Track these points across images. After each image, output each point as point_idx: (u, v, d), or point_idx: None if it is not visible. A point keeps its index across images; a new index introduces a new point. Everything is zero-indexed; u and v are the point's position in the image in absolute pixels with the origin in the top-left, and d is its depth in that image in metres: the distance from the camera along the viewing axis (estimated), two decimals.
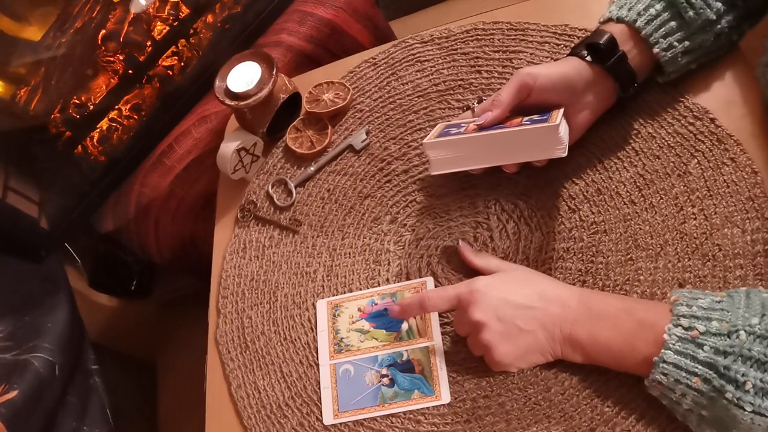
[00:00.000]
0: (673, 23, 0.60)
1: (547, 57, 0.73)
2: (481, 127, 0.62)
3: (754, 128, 0.62)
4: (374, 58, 0.83)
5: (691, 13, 0.59)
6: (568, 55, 0.63)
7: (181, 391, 1.26)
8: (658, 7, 0.60)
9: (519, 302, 0.56)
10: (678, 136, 0.64)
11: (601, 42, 0.60)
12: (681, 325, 0.48)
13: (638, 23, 0.60)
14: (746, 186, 0.60)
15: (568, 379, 0.58)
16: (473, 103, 0.68)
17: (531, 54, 0.74)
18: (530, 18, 0.77)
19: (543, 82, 0.60)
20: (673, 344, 0.48)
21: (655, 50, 0.60)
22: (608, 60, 0.60)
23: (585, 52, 0.61)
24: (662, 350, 0.48)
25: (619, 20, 0.61)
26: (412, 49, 0.81)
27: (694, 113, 0.65)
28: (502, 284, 0.57)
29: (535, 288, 0.57)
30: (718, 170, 0.62)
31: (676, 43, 0.60)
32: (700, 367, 0.47)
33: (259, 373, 0.68)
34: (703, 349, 0.47)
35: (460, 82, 0.76)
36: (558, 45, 0.74)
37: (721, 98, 0.65)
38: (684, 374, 0.47)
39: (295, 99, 0.81)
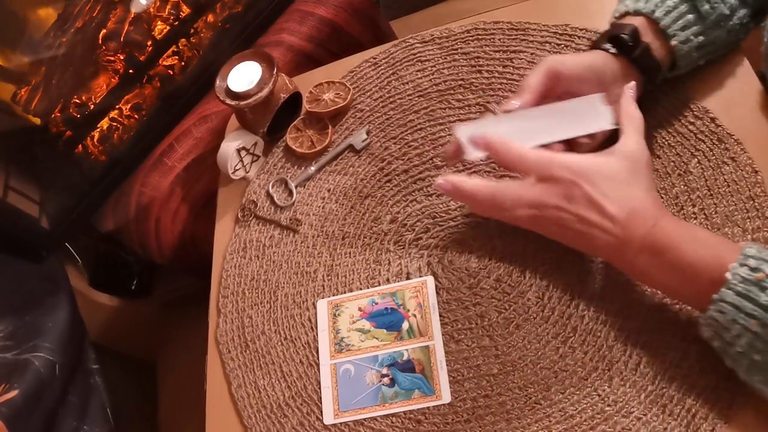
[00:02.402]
0: (690, 16, 0.60)
1: None
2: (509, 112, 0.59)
3: (755, 127, 0.62)
4: (375, 58, 0.83)
5: (707, 6, 0.59)
6: (590, 49, 0.62)
7: (182, 391, 1.26)
8: None
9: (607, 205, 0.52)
10: (678, 136, 0.64)
11: (625, 33, 0.59)
12: (747, 265, 0.47)
13: (656, 14, 0.59)
14: (747, 185, 0.60)
15: (568, 378, 0.58)
16: (494, 107, 0.65)
17: (532, 54, 0.74)
18: (531, 18, 0.77)
19: (572, 70, 0.59)
20: (735, 285, 0.47)
21: (673, 42, 0.60)
22: (633, 51, 0.59)
23: (608, 45, 0.60)
24: (722, 289, 0.48)
25: (637, 13, 0.61)
26: (413, 48, 0.81)
27: (695, 112, 0.65)
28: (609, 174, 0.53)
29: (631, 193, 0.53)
30: (718, 169, 0.62)
31: (692, 37, 0.60)
32: (759, 310, 0.46)
33: (260, 372, 0.68)
34: (765, 293, 0.46)
35: (460, 82, 0.76)
36: (559, 45, 0.74)
37: (721, 97, 0.65)
38: (742, 315, 0.47)
39: (295, 99, 0.81)
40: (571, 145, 0.59)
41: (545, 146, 0.57)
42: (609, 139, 0.58)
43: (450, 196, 0.60)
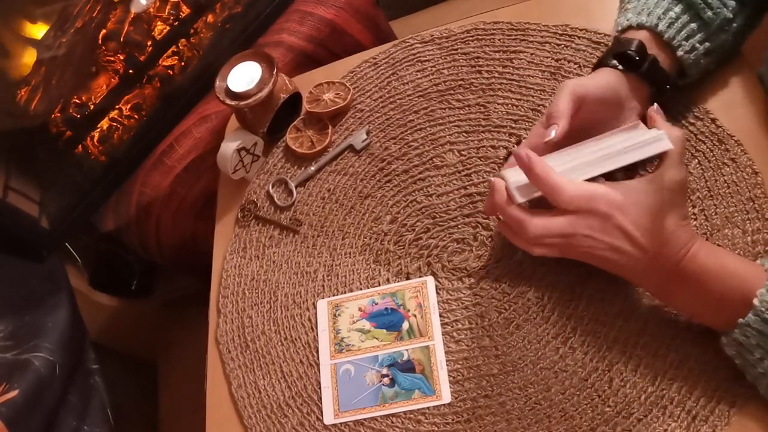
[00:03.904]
0: (693, 25, 0.59)
1: (548, 57, 0.73)
2: (550, 142, 0.55)
3: (755, 128, 0.62)
4: (375, 58, 0.83)
5: (709, 13, 0.59)
6: (595, 67, 0.61)
7: (182, 391, 1.26)
8: (677, 9, 0.59)
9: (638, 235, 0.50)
10: None
11: (631, 49, 0.58)
12: None
13: (660, 27, 0.59)
14: (747, 186, 0.60)
15: (568, 379, 0.58)
16: (513, 146, 0.62)
17: (532, 54, 0.74)
18: (531, 18, 0.77)
19: (593, 92, 0.57)
20: (763, 312, 0.47)
21: (679, 53, 0.59)
22: (640, 66, 0.58)
23: (615, 62, 0.59)
24: (749, 314, 0.48)
25: (640, 26, 0.60)
26: (413, 49, 0.81)
27: (695, 113, 0.65)
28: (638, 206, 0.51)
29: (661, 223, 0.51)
30: (718, 171, 0.62)
31: (698, 45, 0.60)
32: None
33: (260, 372, 0.68)
34: None
35: (460, 82, 0.76)
36: (558, 45, 0.74)
37: (721, 98, 0.65)
38: (767, 341, 0.47)
39: (295, 99, 0.81)
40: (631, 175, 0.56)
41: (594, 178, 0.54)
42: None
43: (488, 201, 0.57)
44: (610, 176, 0.53)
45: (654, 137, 0.51)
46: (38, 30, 1.06)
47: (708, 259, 0.51)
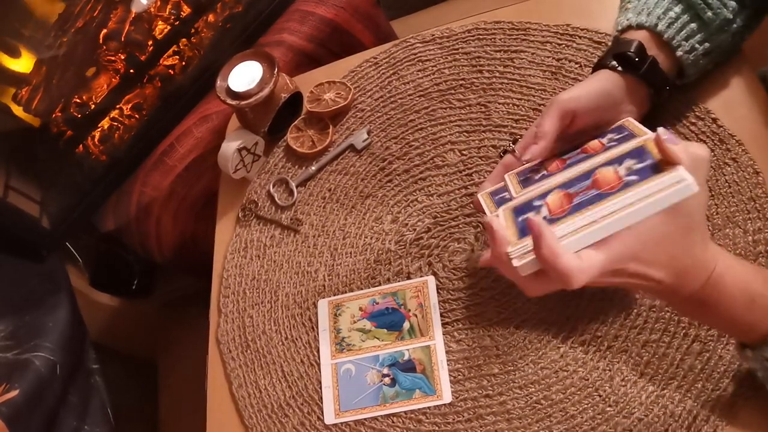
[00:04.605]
0: (693, 25, 0.59)
1: (549, 57, 0.73)
2: (527, 163, 0.54)
3: (756, 128, 0.62)
4: (375, 58, 0.83)
5: (709, 13, 0.59)
6: (594, 68, 0.61)
7: (182, 391, 1.26)
8: (677, 9, 0.59)
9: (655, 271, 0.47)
10: (680, 136, 0.64)
11: (630, 51, 0.58)
12: None
13: (659, 27, 0.59)
14: (748, 186, 0.60)
15: (569, 378, 0.58)
16: (510, 145, 0.61)
17: (533, 54, 0.74)
18: (532, 18, 0.76)
19: (586, 104, 0.57)
20: None
21: (679, 53, 0.59)
22: (640, 67, 0.58)
23: (614, 63, 0.59)
24: None
25: (639, 27, 0.60)
26: (414, 48, 0.81)
27: (696, 113, 0.65)
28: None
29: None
30: (719, 170, 0.62)
31: (697, 45, 0.59)
32: None
33: (260, 372, 0.68)
34: None
35: (461, 82, 0.76)
36: (560, 45, 0.74)
37: (723, 98, 0.65)
38: None
39: (296, 98, 0.81)
40: None
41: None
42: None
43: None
44: None
45: (674, 179, 0.45)
46: (39, 30, 1.06)
47: (733, 285, 0.49)
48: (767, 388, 0.51)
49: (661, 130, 0.46)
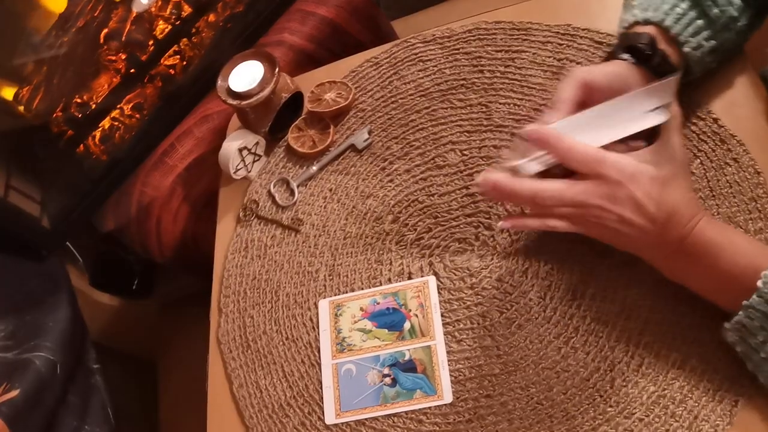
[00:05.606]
0: (699, 21, 0.59)
1: (550, 57, 0.73)
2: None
3: (758, 128, 0.62)
4: (376, 58, 0.83)
5: (716, 10, 0.59)
6: (605, 59, 0.61)
7: (183, 391, 1.26)
8: (684, 6, 0.59)
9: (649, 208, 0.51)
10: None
11: (642, 43, 0.58)
12: None
13: (667, 22, 0.59)
14: (749, 186, 0.60)
15: (570, 379, 0.58)
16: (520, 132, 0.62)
17: (534, 54, 0.74)
18: (533, 18, 0.76)
19: (602, 80, 0.57)
20: (766, 293, 0.48)
21: (685, 49, 0.59)
22: (651, 60, 0.58)
23: (627, 55, 0.59)
24: (753, 296, 0.48)
25: (647, 22, 0.60)
26: (414, 48, 0.81)
27: (697, 113, 0.65)
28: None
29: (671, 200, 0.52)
30: (720, 171, 0.62)
31: (703, 42, 0.59)
32: None
33: (261, 372, 0.68)
34: None
35: (462, 82, 0.76)
36: (561, 45, 0.74)
37: (724, 98, 0.65)
38: None
39: (297, 98, 0.81)
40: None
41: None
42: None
43: (489, 195, 0.57)
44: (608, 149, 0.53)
45: (648, 109, 0.52)
46: (40, 29, 1.06)
47: (716, 234, 0.51)
48: (748, 366, 0.51)
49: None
